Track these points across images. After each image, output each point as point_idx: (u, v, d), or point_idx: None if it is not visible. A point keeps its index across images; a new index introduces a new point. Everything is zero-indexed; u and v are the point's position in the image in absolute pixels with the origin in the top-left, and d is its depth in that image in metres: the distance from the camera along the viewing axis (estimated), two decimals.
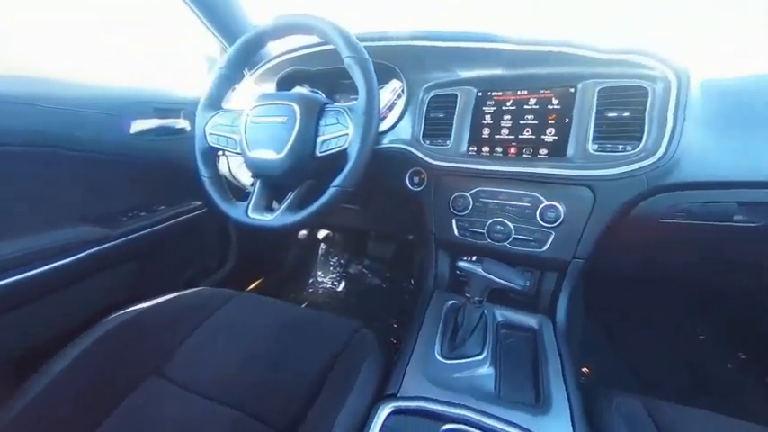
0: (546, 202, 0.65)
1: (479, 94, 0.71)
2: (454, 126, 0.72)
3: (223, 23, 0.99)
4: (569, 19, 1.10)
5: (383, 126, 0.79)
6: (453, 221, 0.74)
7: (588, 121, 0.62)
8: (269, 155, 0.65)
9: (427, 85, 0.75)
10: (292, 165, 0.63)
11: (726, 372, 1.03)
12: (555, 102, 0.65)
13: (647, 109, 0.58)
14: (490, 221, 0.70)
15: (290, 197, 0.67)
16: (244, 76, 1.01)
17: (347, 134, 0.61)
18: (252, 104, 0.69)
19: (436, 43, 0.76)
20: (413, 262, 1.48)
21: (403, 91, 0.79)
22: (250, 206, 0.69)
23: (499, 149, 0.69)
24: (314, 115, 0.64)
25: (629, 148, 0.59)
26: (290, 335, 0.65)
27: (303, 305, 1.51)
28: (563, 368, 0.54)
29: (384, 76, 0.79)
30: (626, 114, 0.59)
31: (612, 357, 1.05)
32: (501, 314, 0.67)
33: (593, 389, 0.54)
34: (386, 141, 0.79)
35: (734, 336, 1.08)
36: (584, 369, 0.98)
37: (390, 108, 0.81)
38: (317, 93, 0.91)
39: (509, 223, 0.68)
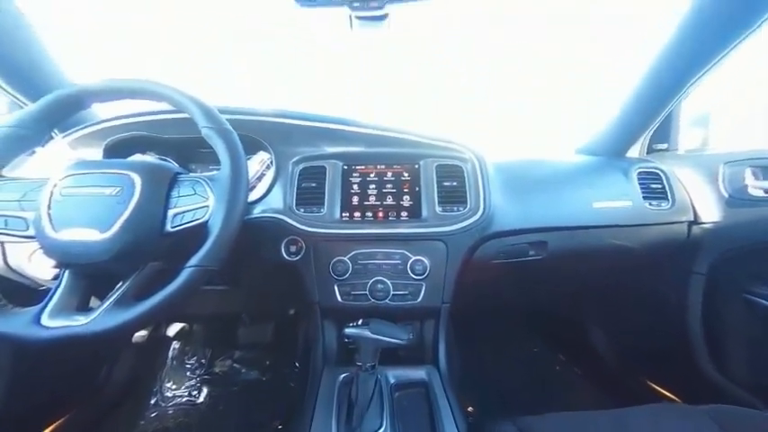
0: (413, 257, 0.74)
1: (345, 167, 0.79)
2: (326, 194, 0.76)
3: (19, 74, 0.77)
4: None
5: (253, 196, 0.75)
6: (336, 287, 0.74)
7: (433, 189, 0.78)
8: (88, 235, 0.49)
9: (296, 159, 0.79)
10: (128, 245, 0.50)
11: (555, 373, 1.33)
12: (406, 174, 0.79)
13: (466, 181, 0.79)
14: (371, 281, 0.73)
15: (122, 288, 0.51)
16: (51, 137, 0.79)
17: (207, 206, 0.54)
18: (65, 172, 0.53)
19: (301, 122, 0.83)
20: (296, 340, 1.33)
21: (272, 162, 0.79)
22: (48, 309, 0.48)
23: (369, 214, 0.77)
24: (162, 186, 0.55)
25: (461, 208, 0.77)
26: None
27: None
28: (454, 416, 0.57)
29: (250, 147, 0.78)
30: (455, 184, 0.79)
31: (486, 386, 1.19)
32: (393, 375, 0.66)
33: (478, 425, 0.58)
34: (257, 211, 0.74)
35: (553, 344, 1.43)
36: (470, 409, 1.06)
37: (260, 178, 0.79)
38: (166, 161, 0.79)
39: (387, 281, 0.73)
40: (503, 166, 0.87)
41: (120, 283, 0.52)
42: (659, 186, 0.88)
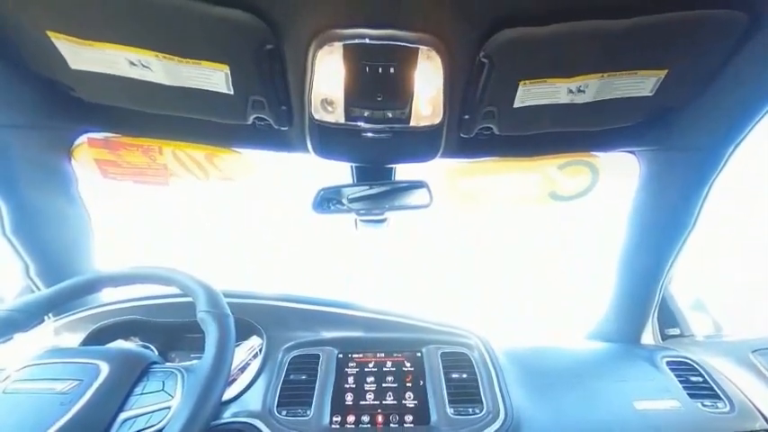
0: None
1: (340, 355, 0.72)
2: (316, 390, 0.65)
3: (50, 259, 0.78)
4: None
5: (228, 393, 0.64)
6: None
7: (440, 383, 0.67)
8: None
9: (288, 345, 0.73)
10: None
11: None
12: (408, 364, 0.71)
13: (477, 372, 0.69)
14: None
15: None
16: (42, 321, 0.76)
17: (169, 407, 0.45)
18: (24, 362, 0.48)
19: (301, 306, 0.82)
20: None
21: (261, 350, 0.73)
22: None
23: (366, 418, 0.62)
24: (128, 378, 0.48)
25: (477, 410, 0.63)
26: None
27: None
28: None
29: (244, 332, 0.74)
30: (465, 376, 0.69)
31: None
32: None
33: None
34: (227, 414, 0.61)
35: None
36: None
37: (243, 369, 0.70)
38: (147, 348, 0.73)
39: None
40: (513, 354, 0.79)
41: None
42: (700, 380, 0.76)
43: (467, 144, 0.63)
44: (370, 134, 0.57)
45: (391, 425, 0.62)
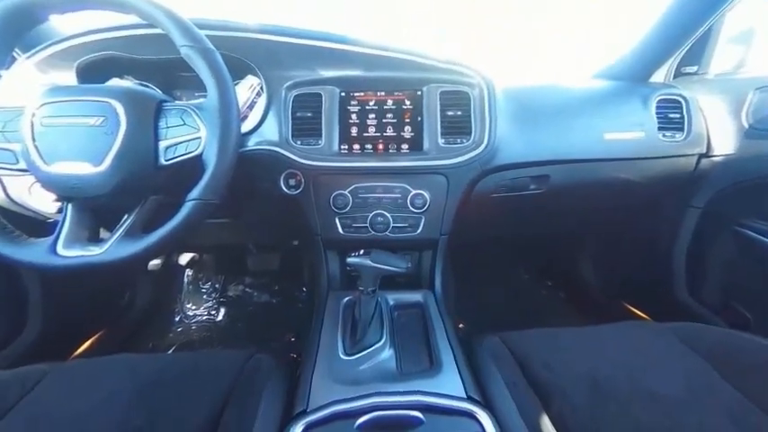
0: (414, 191, 0.74)
1: (342, 94, 0.73)
2: (323, 125, 0.72)
3: None
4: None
5: (246, 126, 0.71)
6: (336, 219, 0.75)
7: (436, 119, 0.73)
8: (82, 168, 0.48)
9: (288, 84, 0.72)
10: (124, 179, 0.49)
11: (541, 297, 1.46)
12: (408, 102, 0.74)
13: (472, 110, 0.73)
14: (371, 215, 0.74)
15: (129, 220, 0.52)
16: (14, 59, 0.71)
17: (199, 137, 0.52)
18: (39, 100, 0.49)
19: (291, 40, 0.73)
20: (302, 268, 1.42)
21: (262, 88, 0.73)
22: (61, 240, 0.50)
23: (369, 146, 0.74)
24: (147, 115, 0.51)
25: (464, 140, 0.73)
26: (155, 393, 0.51)
27: (171, 350, 1.23)
28: (446, 331, 0.63)
29: (236, 71, 0.71)
30: (459, 113, 0.74)
31: (476, 308, 1.31)
32: (392, 298, 0.72)
33: (468, 339, 0.65)
34: (251, 143, 0.71)
35: (542, 271, 1.53)
36: (461, 325, 1.19)
37: (251, 107, 0.73)
38: (147, 86, 0.72)
39: (387, 214, 0.74)
40: (513, 93, 0.81)
41: (126, 216, 0.52)
42: (677, 116, 0.83)
43: None
44: None
45: (390, 151, 0.74)
